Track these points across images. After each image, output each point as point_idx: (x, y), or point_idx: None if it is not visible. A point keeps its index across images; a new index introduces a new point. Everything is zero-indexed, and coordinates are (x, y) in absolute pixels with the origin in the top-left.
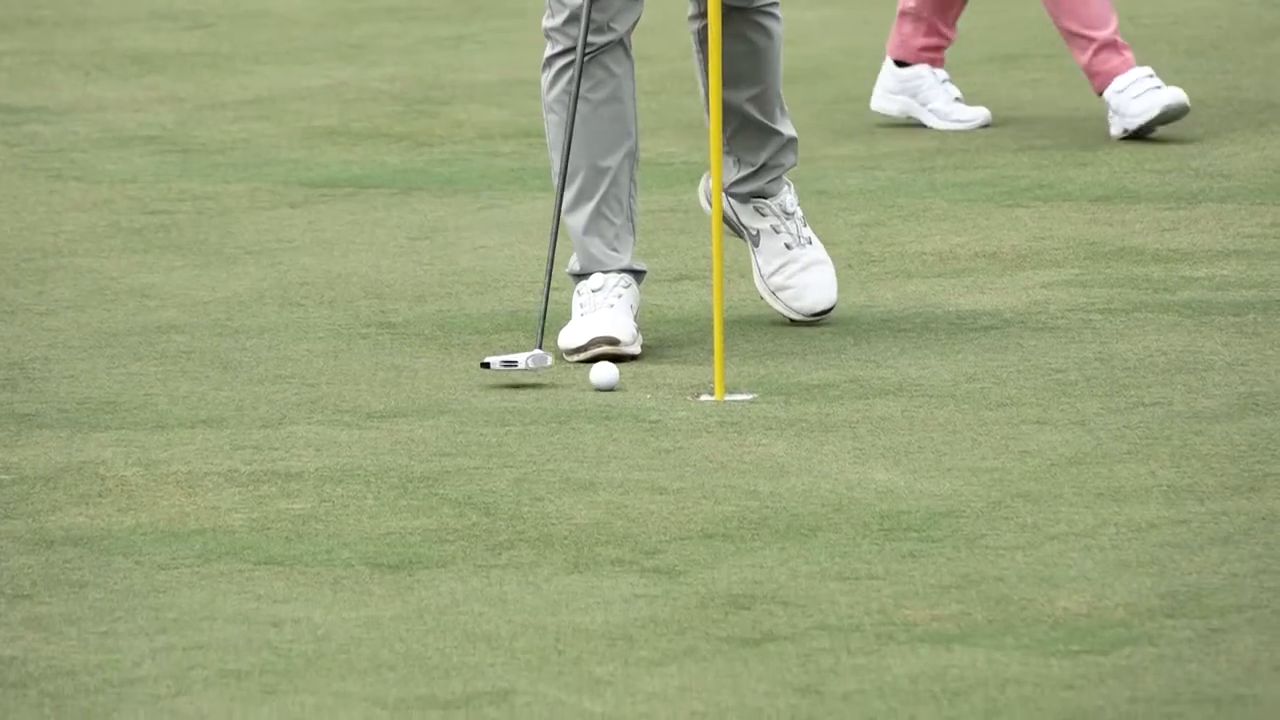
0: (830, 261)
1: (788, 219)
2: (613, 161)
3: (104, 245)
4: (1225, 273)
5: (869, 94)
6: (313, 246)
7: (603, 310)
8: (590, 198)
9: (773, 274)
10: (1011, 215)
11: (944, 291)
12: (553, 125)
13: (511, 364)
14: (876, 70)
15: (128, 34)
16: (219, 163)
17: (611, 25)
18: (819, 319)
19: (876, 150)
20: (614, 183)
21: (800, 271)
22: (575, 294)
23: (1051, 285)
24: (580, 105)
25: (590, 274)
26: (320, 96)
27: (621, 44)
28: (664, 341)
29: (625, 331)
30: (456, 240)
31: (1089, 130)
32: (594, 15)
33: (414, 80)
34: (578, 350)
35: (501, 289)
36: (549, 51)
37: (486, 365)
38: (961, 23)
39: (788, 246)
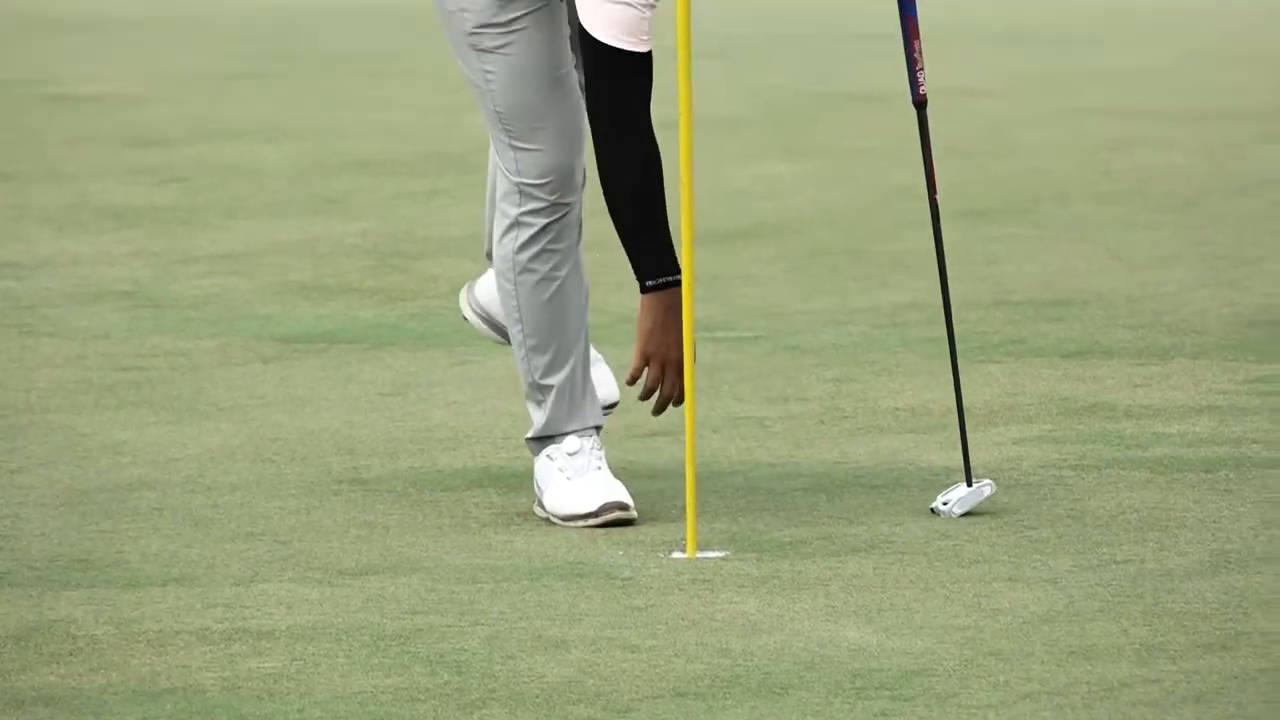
0: (603, 358)
1: None
2: (579, 326)
3: (76, 401)
4: (1197, 429)
5: (842, 248)
6: (285, 402)
7: (593, 474)
8: (562, 366)
9: None
10: (984, 371)
11: (916, 447)
12: (525, 291)
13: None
14: (849, 224)
15: (103, 188)
16: (191, 318)
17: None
18: (608, 412)
19: (849, 305)
20: (581, 345)
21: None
22: (545, 457)
23: (1023, 441)
24: (554, 277)
25: (562, 436)
26: (294, 251)
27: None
28: (636, 497)
29: (628, 496)
30: (429, 396)
31: (1062, 285)
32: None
33: (387, 235)
34: (588, 516)
35: (474, 445)
36: (523, 208)
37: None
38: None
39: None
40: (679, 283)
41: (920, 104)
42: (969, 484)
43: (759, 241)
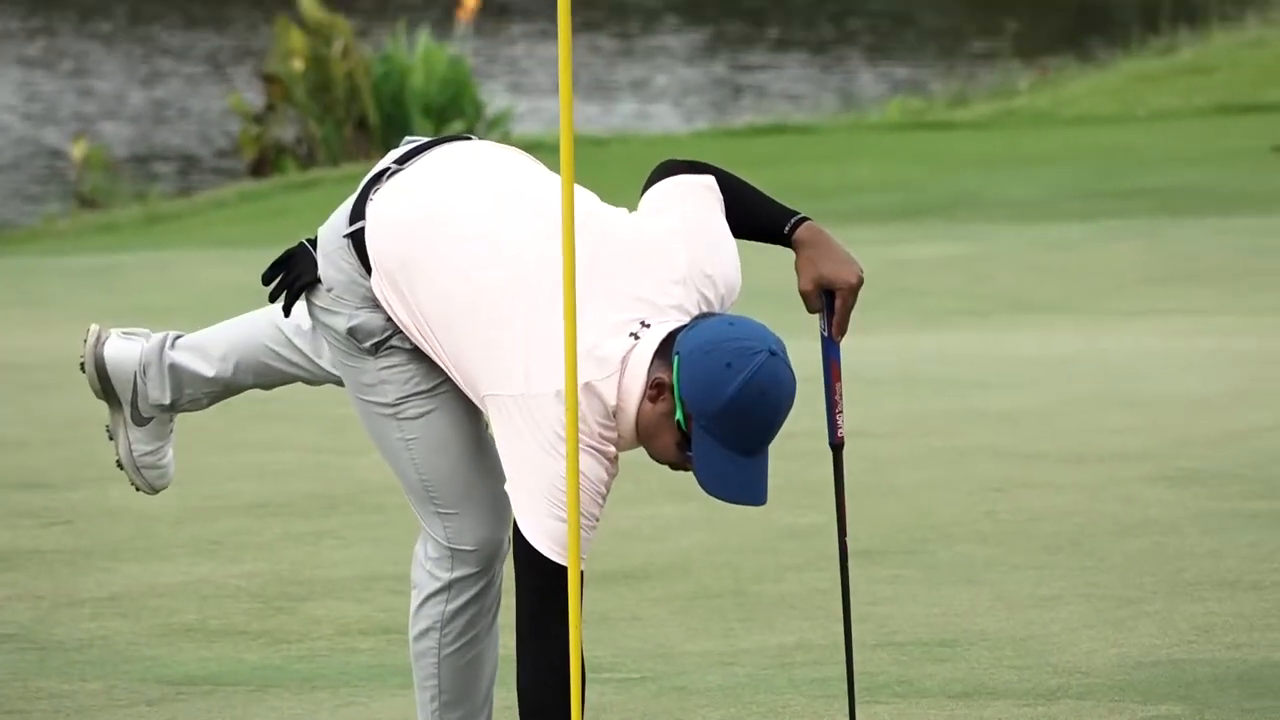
0: None
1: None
2: (489, 690)
3: None
4: None
5: (728, 589)
6: None
7: None
8: None
9: (147, 453)
10: (870, 711)
11: None
12: (448, 653)
13: None
14: (735, 566)
15: None
16: (76, 660)
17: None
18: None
19: (735, 646)
20: (488, 709)
21: (169, 453)
22: None
23: None
24: (478, 640)
25: None
26: (179, 593)
27: None
28: None
29: None
30: None
31: (947, 625)
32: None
33: (272, 576)
34: None
35: None
36: (455, 574)
37: None
38: (818, 517)
39: (171, 433)
40: None
41: (838, 446)
42: None
43: (646, 583)
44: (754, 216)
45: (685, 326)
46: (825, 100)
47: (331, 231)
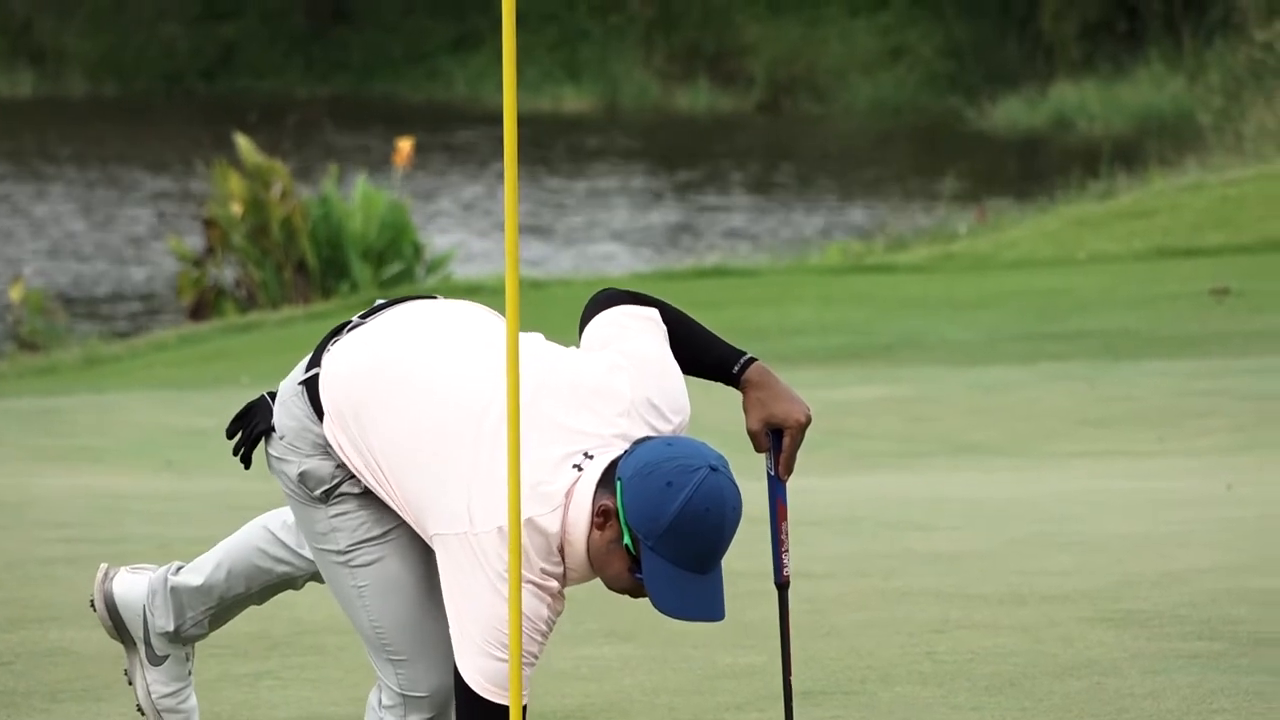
0: None
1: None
2: None
3: None
4: None
5: None
6: None
7: None
8: None
9: (167, 695)
10: None
11: None
12: None
13: None
14: (674, 707)
15: None
16: None
17: None
18: None
19: None
20: None
21: (191, 696)
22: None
23: None
24: None
25: None
26: None
27: None
28: None
29: None
30: None
31: None
32: None
33: (211, 717)
34: None
35: None
36: (410, 719)
37: None
38: (757, 657)
39: (190, 674)
40: None
41: (783, 585)
42: None
43: None
44: (702, 354)
45: (626, 452)
46: (767, 242)
47: (289, 381)
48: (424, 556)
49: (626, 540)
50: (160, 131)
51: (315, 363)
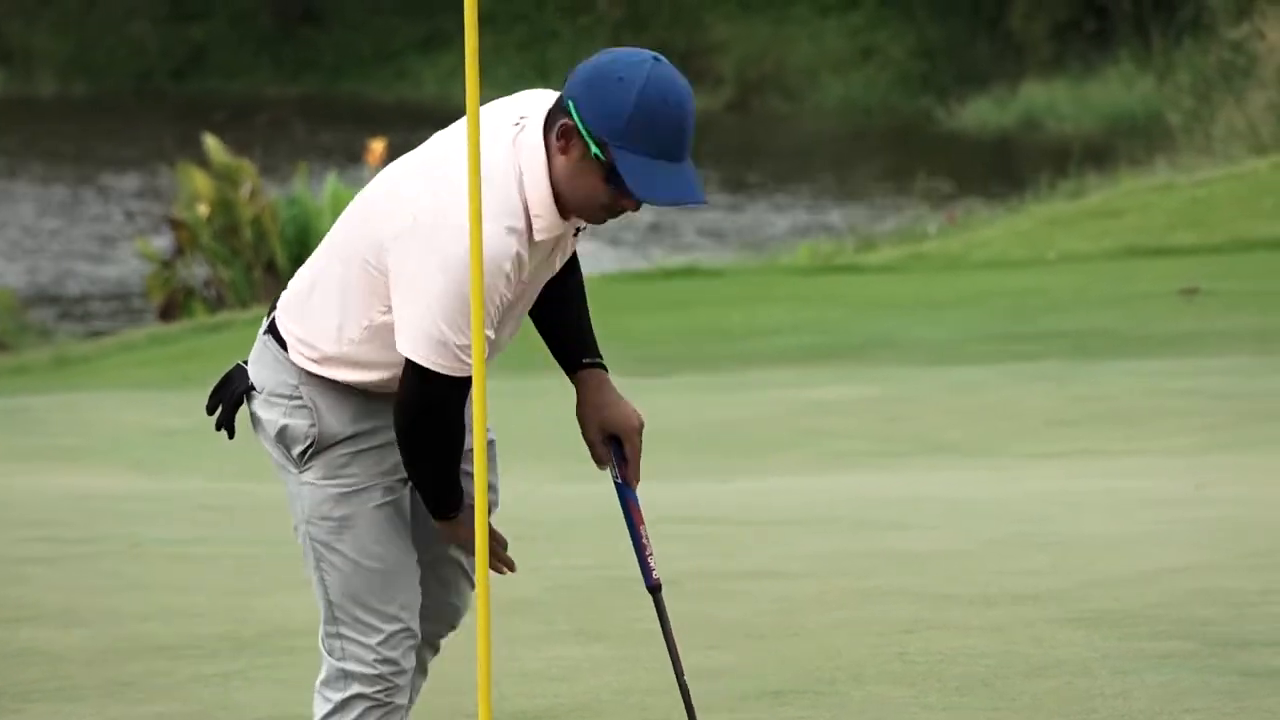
0: None
1: None
2: None
3: None
4: None
5: None
6: None
7: None
8: None
9: None
10: None
11: None
12: None
13: None
14: (644, 707)
15: None
16: None
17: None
18: None
19: None
20: None
21: None
22: None
23: None
24: None
25: None
26: None
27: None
28: None
29: None
30: None
31: None
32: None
33: (182, 717)
34: None
35: None
36: (346, 694)
37: None
38: (728, 657)
39: None
40: (463, 510)
41: (656, 588)
42: None
43: None
44: (572, 326)
45: (565, 83)
46: (739, 242)
47: (257, 341)
48: (392, 534)
49: (594, 151)
50: (130, 131)
51: (272, 309)
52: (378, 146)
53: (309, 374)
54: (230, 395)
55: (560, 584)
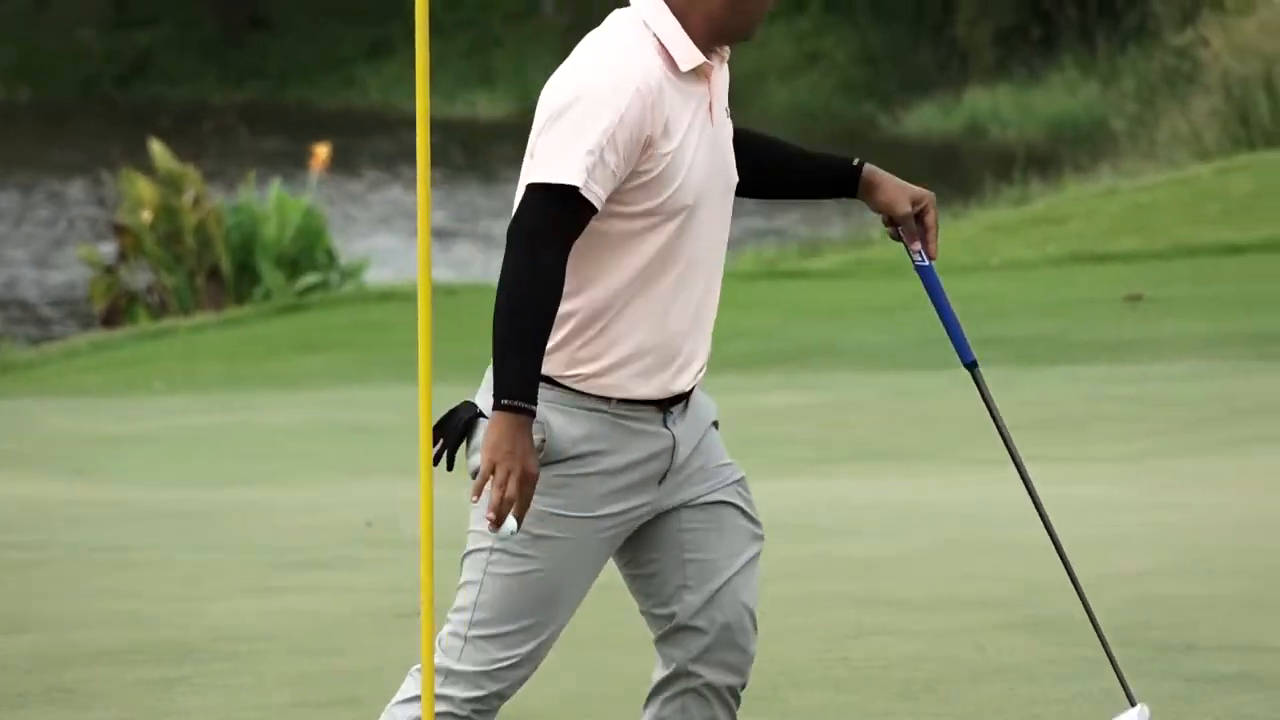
0: None
1: None
2: None
3: None
4: None
5: None
6: None
7: None
8: None
9: None
10: None
11: None
12: None
13: None
14: (601, 715)
15: None
16: None
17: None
18: None
19: None
20: None
21: None
22: None
23: None
24: None
25: None
26: None
27: None
28: None
29: None
30: None
31: None
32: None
33: None
34: None
35: None
36: (439, 690)
37: None
38: None
39: None
40: (532, 413)
41: (973, 364)
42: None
43: None
44: (804, 153)
45: None
46: None
47: (485, 374)
48: (576, 569)
49: None
50: (76, 137)
51: None
52: (322, 152)
53: (542, 383)
54: (455, 428)
55: None
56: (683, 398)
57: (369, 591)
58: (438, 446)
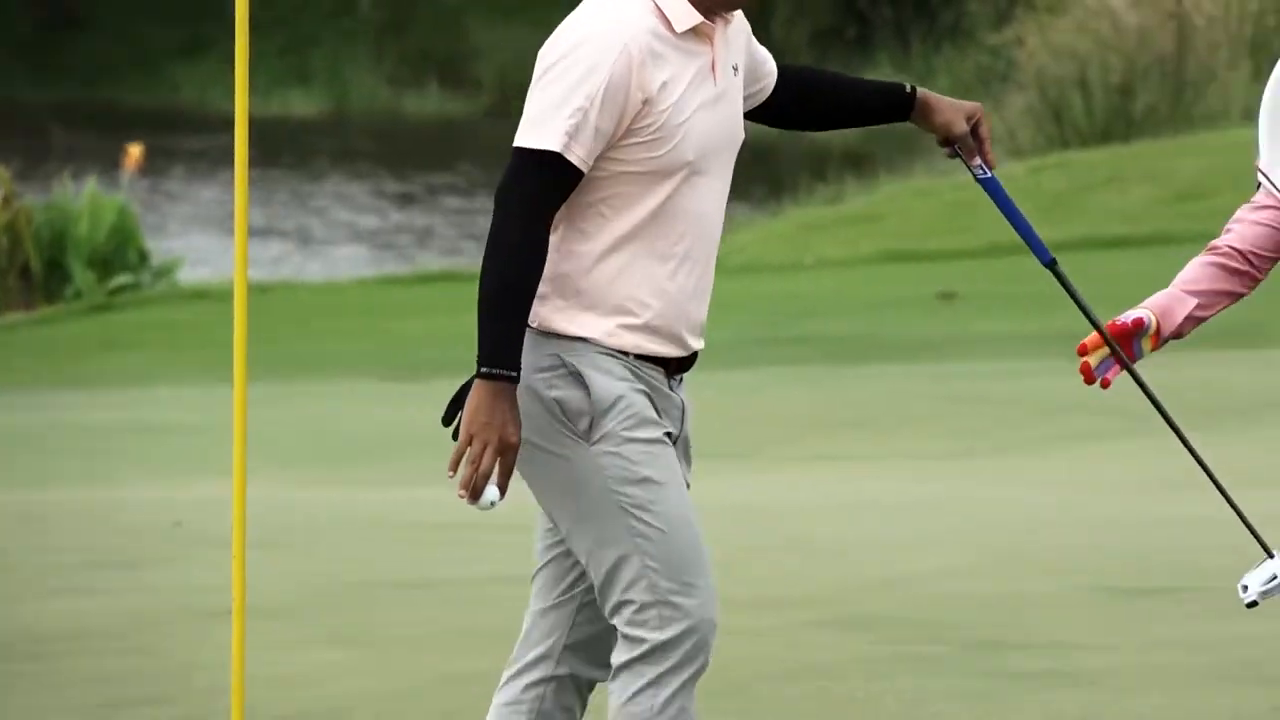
0: None
1: None
2: None
3: None
4: None
5: None
6: None
7: None
8: None
9: None
10: None
11: None
12: None
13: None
14: (397, 713)
15: None
16: None
17: None
18: None
19: None
20: None
21: None
22: None
23: None
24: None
25: None
26: None
27: None
28: None
29: None
30: None
31: None
32: None
33: None
34: None
35: None
36: (664, 665)
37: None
38: (479, 663)
39: None
40: (513, 380)
41: (1052, 263)
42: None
43: None
44: (852, 81)
45: None
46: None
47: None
48: (683, 486)
49: None
50: None
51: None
52: (135, 151)
53: (568, 339)
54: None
55: (311, 589)
56: (687, 365)
57: (179, 591)
58: (454, 419)
